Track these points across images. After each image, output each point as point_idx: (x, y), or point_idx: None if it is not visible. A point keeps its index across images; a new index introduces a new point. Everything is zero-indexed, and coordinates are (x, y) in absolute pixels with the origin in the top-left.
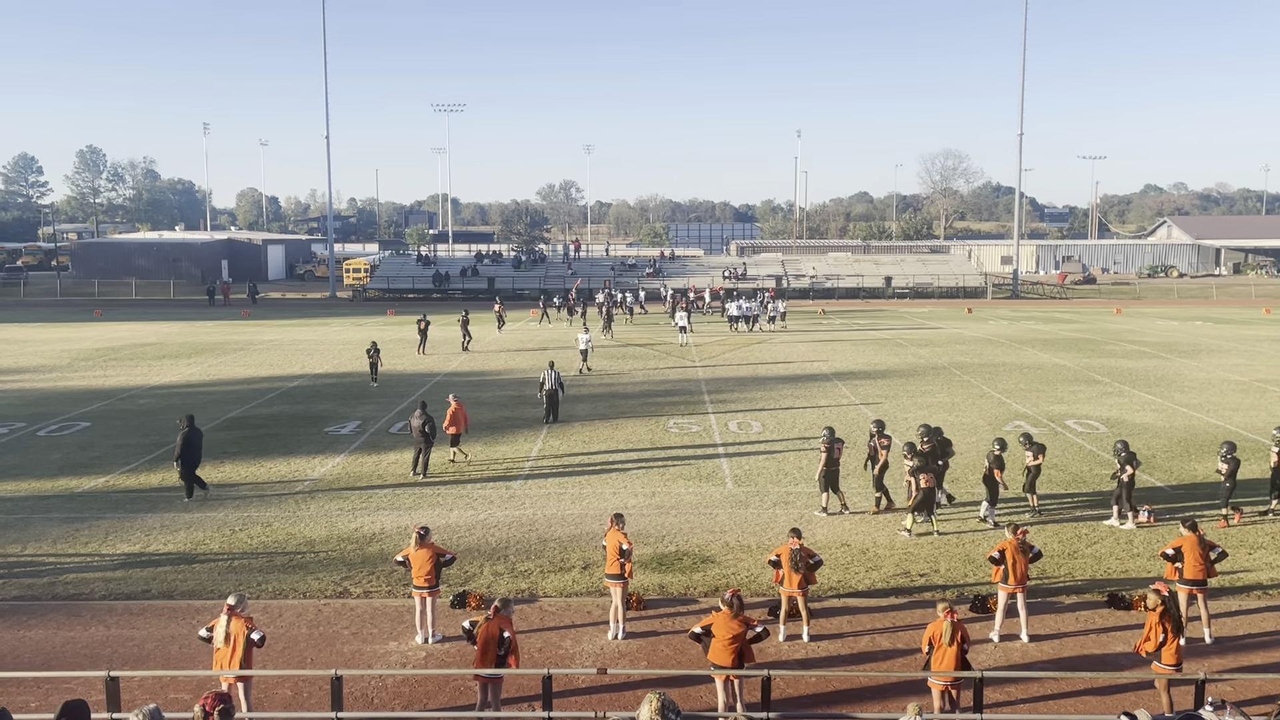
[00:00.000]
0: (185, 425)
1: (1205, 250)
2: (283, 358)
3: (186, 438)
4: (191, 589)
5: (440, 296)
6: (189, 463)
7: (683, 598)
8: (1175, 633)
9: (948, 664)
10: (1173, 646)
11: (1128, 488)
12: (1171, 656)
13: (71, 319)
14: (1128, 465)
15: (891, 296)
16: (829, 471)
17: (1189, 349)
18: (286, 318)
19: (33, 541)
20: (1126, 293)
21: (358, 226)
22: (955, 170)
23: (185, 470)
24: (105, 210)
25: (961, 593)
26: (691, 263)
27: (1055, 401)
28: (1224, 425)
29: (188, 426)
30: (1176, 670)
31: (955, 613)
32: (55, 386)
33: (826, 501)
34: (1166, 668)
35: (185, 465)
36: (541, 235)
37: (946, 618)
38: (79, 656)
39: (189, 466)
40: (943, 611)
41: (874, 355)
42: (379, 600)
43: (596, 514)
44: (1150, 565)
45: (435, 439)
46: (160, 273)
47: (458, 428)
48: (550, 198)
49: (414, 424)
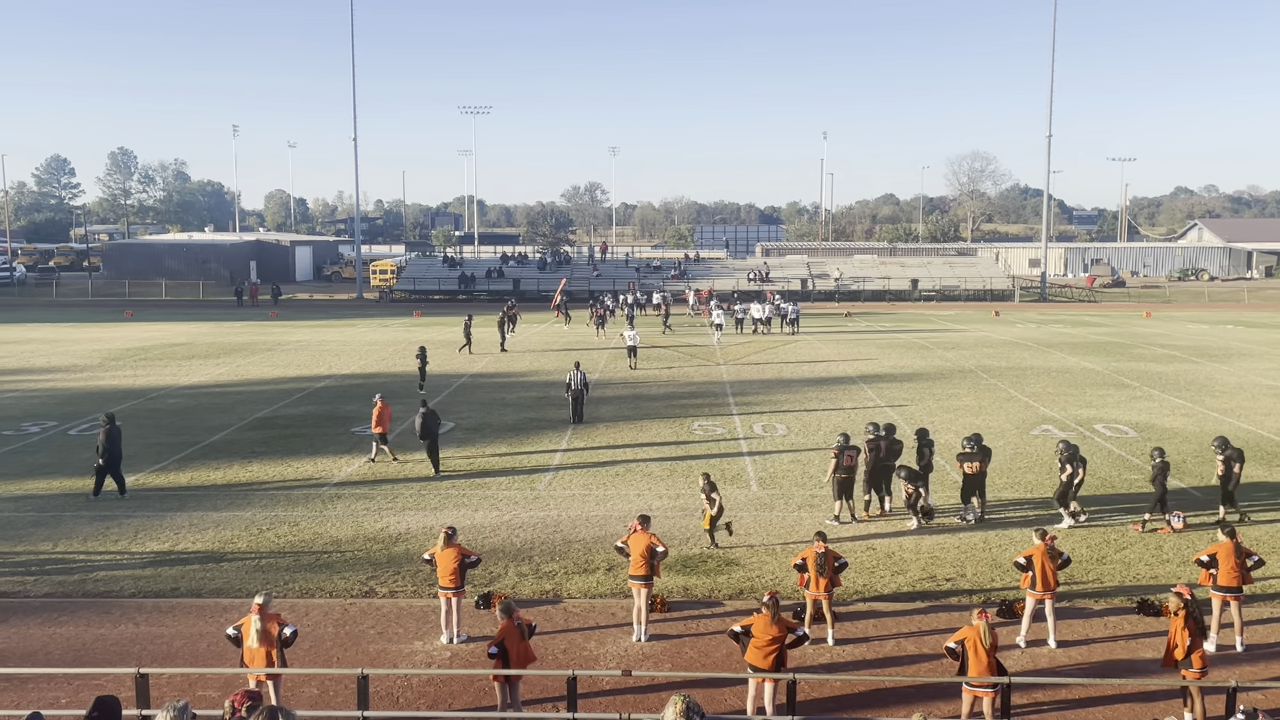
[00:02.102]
0: (106, 423)
1: (1237, 253)
2: (310, 358)
3: (108, 434)
4: (219, 587)
5: (466, 298)
6: (110, 460)
7: (707, 600)
8: (1197, 635)
9: (983, 669)
10: (1199, 651)
11: (1067, 487)
12: (1199, 661)
13: (102, 319)
14: (1068, 465)
15: (918, 299)
16: (843, 480)
17: (1220, 353)
18: (314, 319)
19: (64, 539)
20: (1156, 296)
21: (384, 228)
22: (982, 172)
23: (107, 468)
24: (136, 211)
25: (988, 597)
26: (716, 265)
27: (1084, 405)
28: (1256, 430)
29: (109, 424)
30: (1203, 674)
31: (988, 615)
32: (86, 386)
33: (840, 510)
34: (1196, 672)
35: (107, 462)
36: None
37: (981, 620)
38: (109, 653)
39: (111, 464)
40: (977, 616)
41: (900, 358)
42: (404, 600)
43: (621, 516)
44: (1180, 571)
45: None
46: (190, 274)
47: (384, 427)
48: (575, 200)
49: (417, 424)
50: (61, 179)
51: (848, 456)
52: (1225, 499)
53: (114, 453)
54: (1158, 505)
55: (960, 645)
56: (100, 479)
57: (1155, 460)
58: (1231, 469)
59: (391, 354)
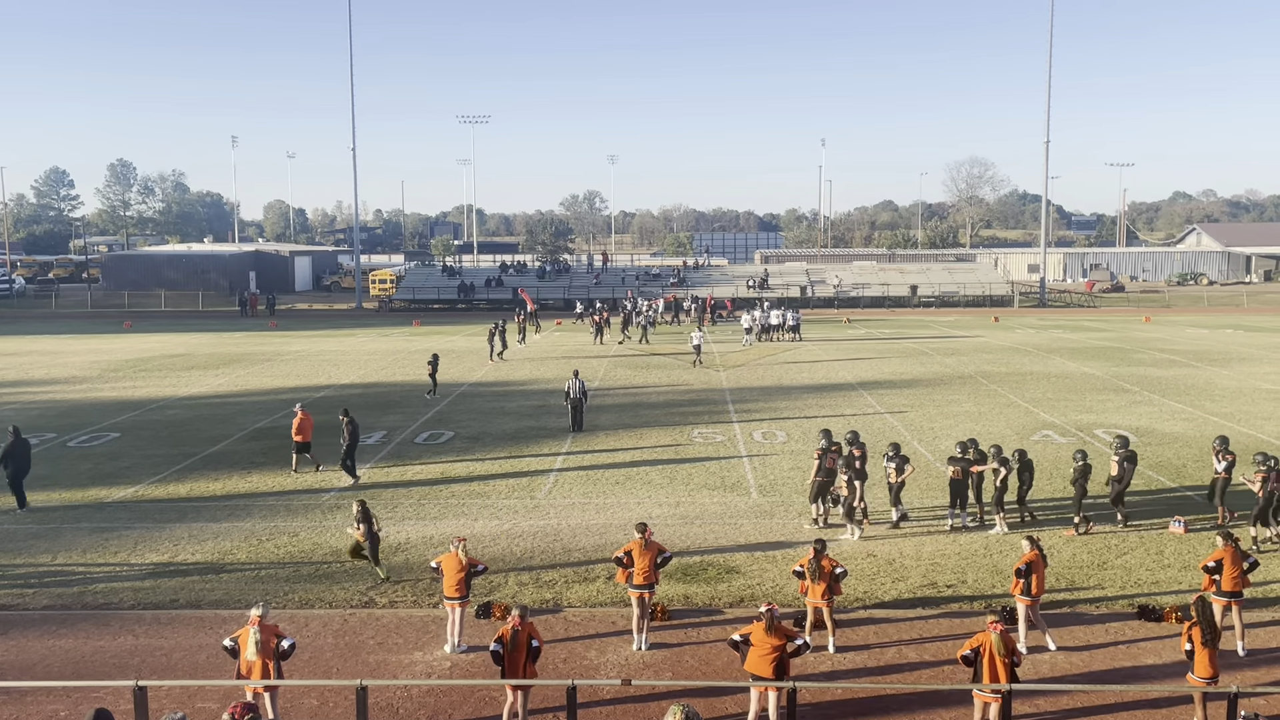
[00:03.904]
0: (12, 435)
1: (1235, 258)
2: (309, 368)
3: (12, 448)
4: (219, 599)
5: (465, 307)
6: (16, 473)
7: (707, 608)
8: (1205, 644)
9: (999, 677)
10: (1203, 658)
11: (999, 491)
12: (1205, 669)
13: (102, 330)
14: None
15: (917, 305)
16: (822, 481)
17: (1220, 357)
18: (313, 329)
19: (63, 551)
20: (1155, 301)
21: (383, 238)
22: (981, 178)
23: (12, 481)
24: (135, 223)
25: (989, 604)
26: (716, 272)
27: (1084, 411)
28: (1256, 434)
29: (14, 437)
30: (1210, 683)
31: (1001, 624)
32: (85, 397)
33: (816, 513)
34: (1198, 680)
35: (12, 476)
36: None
37: (993, 629)
38: (108, 665)
39: (16, 477)
40: (991, 623)
41: (900, 364)
42: (404, 610)
43: (621, 524)
44: (1181, 576)
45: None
46: (189, 284)
47: (304, 436)
48: (574, 208)
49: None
50: (60, 191)
51: (830, 459)
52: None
53: (18, 465)
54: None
55: (975, 653)
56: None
57: (1077, 463)
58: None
59: (391, 364)
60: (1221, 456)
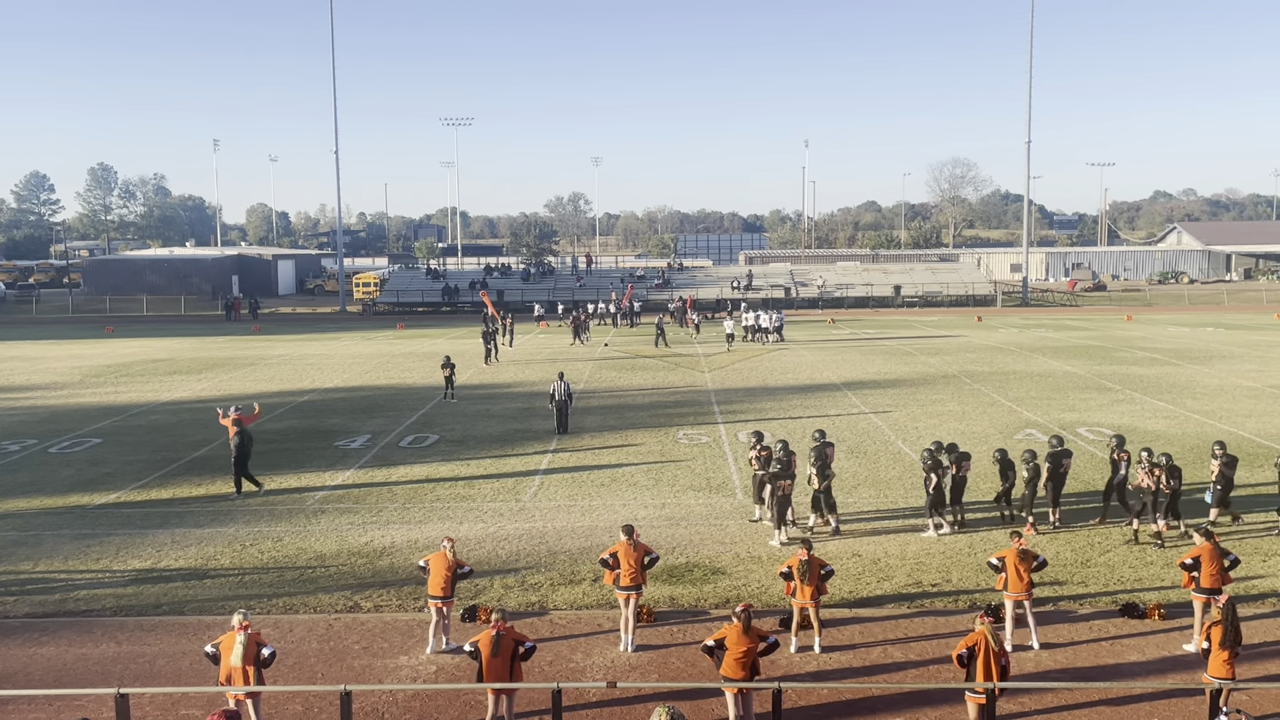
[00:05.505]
0: None
1: (1216, 256)
2: (293, 372)
3: None
4: (202, 605)
5: (450, 310)
6: None
7: (693, 610)
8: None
9: (992, 676)
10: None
11: (934, 496)
12: (1219, 669)
13: (83, 336)
14: (932, 473)
15: (901, 305)
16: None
17: (1201, 355)
18: (296, 332)
19: (44, 558)
20: (1137, 299)
21: (367, 241)
22: (963, 178)
23: None
24: (116, 227)
25: (974, 602)
26: (700, 274)
27: (1067, 409)
28: (1237, 431)
29: None
30: (1225, 684)
31: (988, 621)
32: (67, 403)
33: (760, 513)
34: (1210, 679)
35: None
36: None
37: (982, 620)
38: (90, 673)
39: None
40: (980, 622)
41: (884, 364)
42: (389, 615)
43: (607, 526)
44: (1164, 573)
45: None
46: (171, 289)
47: None
48: (559, 210)
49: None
50: (41, 195)
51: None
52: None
53: None
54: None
55: (970, 651)
56: None
57: (1028, 463)
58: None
59: (375, 367)
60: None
